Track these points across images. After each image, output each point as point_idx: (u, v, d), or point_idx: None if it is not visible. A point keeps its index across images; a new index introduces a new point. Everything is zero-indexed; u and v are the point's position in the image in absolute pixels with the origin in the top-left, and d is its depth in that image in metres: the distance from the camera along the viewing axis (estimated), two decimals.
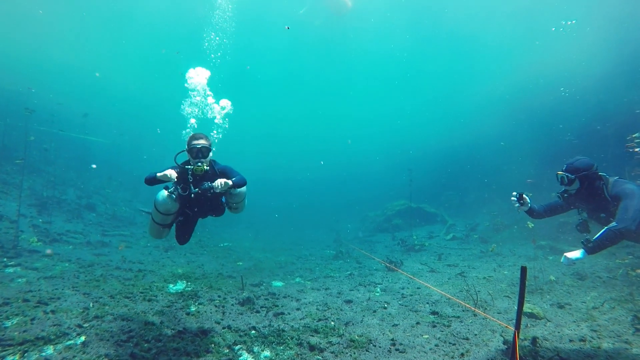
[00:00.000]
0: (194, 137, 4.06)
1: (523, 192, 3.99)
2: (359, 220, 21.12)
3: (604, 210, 3.73)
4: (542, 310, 5.49)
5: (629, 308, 5.29)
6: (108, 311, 5.06)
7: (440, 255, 10.77)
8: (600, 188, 3.72)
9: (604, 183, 3.73)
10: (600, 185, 3.73)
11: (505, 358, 3.93)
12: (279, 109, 44.40)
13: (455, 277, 8.13)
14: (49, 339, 4.02)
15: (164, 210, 4.01)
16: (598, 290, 6.35)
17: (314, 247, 14.50)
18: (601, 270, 7.27)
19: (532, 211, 4.11)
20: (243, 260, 10.60)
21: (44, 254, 8.04)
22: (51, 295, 5.47)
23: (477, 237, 13.17)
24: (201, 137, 4.07)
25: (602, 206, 3.74)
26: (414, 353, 4.23)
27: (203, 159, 4.00)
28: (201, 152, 3.99)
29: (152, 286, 6.68)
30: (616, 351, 4.04)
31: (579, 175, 3.73)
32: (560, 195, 3.99)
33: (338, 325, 5.15)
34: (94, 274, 7.13)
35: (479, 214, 16.55)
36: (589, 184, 3.74)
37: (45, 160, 15.88)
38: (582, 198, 3.85)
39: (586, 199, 3.83)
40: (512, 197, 3.99)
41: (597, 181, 3.74)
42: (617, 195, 3.59)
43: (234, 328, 4.90)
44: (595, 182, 3.74)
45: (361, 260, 10.97)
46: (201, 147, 3.98)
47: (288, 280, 8.37)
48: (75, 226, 11.43)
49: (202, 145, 3.99)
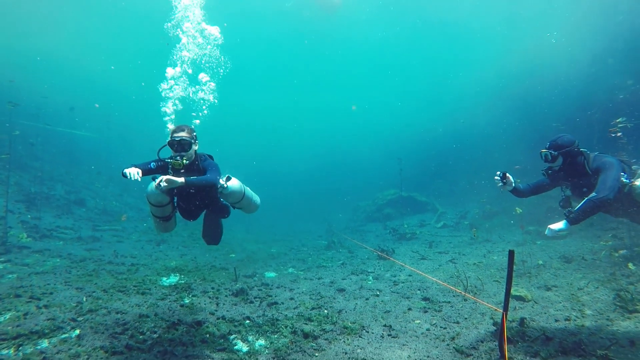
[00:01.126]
0: (175, 130, 3.85)
1: (506, 172, 4.04)
2: (350, 210, 21.25)
3: (586, 184, 3.85)
4: (530, 292, 5.64)
5: (612, 287, 5.47)
6: (102, 305, 5.07)
7: (431, 243, 10.93)
8: (582, 163, 3.84)
9: (585, 158, 3.85)
10: (581, 161, 3.85)
11: (495, 339, 4.05)
12: (267, 99, 44.08)
13: (446, 264, 8.28)
14: (44, 333, 4.02)
15: (154, 201, 3.89)
16: (583, 272, 6.54)
17: (306, 238, 14.59)
18: (586, 253, 7.46)
19: (516, 190, 4.18)
20: (236, 252, 10.64)
21: (35, 249, 7.98)
22: (43, 290, 5.45)
23: (467, 225, 13.36)
24: (182, 129, 3.84)
25: (584, 181, 3.86)
26: (406, 338, 4.33)
27: (183, 153, 3.76)
28: (180, 145, 3.75)
29: (145, 280, 6.68)
30: (598, 328, 4.19)
31: (562, 151, 3.84)
32: (545, 173, 4.09)
33: (331, 313, 5.23)
34: (86, 268, 7.11)
35: (468, 201, 16.76)
36: (572, 160, 3.86)
37: (32, 155, 15.62)
38: (566, 174, 3.95)
39: (569, 175, 3.94)
40: (495, 177, 4.05)
41: (578, 157, 3.86)
42: (597, 168, 3.72)
43: (228, 318, 4.95)
44: (576, 157, 3.86)
45: (353, 250, 11.08)
46: (180, 139, 3.73)
47: (281, 271, 8.44)
48: (65, 222, 11.32)
49: (181, 138, 3.74)
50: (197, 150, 4.06)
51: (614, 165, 3.64)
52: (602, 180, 3.57)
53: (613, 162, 3.66)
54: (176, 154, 3.77)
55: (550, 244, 8.78)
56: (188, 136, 3.79)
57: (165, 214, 4.11)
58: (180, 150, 3.76)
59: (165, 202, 3.94)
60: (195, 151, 3.98)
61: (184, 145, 3.75)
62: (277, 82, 41.20)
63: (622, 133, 6.23)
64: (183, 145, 3.75)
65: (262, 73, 39.43)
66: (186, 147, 3.77)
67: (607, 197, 3.42)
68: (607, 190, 3.45)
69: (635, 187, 3.61)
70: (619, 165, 3.70)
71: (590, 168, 3.80)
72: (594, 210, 3.51)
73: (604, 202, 3.45)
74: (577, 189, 4.01)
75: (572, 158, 3.86)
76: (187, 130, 3.84)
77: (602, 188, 3.49)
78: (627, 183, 3.63)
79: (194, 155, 3.92)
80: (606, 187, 3.47)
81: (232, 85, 41.48)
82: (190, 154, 3.84)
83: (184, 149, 3.77)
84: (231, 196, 4.14)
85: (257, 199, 4.69)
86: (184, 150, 3.77)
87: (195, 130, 4.03)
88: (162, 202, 3.94)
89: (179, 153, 3.76)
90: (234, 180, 4.18)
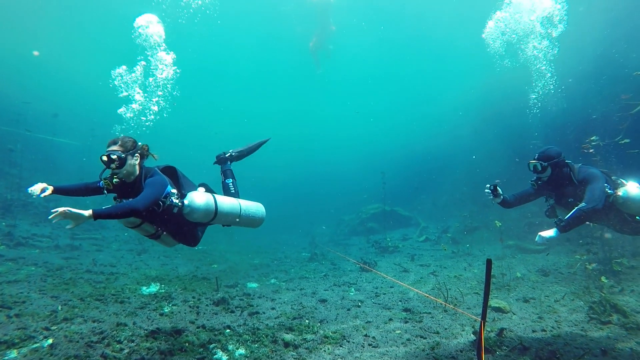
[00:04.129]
0: (108, 143, 3.23)
1: (496, 184, 4.19)
2: (334, 224, 21.26)
3: (571, 195, 4.00)
4: (509, 304, 5.74)
5: (586, 299, 5.62)
6: (78, 313, 4.94)
7: (413, 256, 11.02)
8: (568, 174, 4.01)
9: (571, 169, 4.02)
10: (567, 172, 4.01)
11: (474, 349, 4.11)
12: (249, 107, 44.07)
13: (428, 276, 8.36)
14: (13, 343, 3.89)
15: (124, 224, 3.36)
16: (560, 284, 6.71)
17: (289, 250, 14.50)
18: (563, 267, 7.67)
19: (504, 202, 4.32)
20: (218, 263, 10.50)
21: (8, 257, 7.73)
22: (15, 299, 5.28)
23: (449, 238, 13.53)
24: (115, 141, 3.21)
25: (570, 191, 4.02)
26: (386, 347, 4.35)
27: (116, 170, 3.13)
28: (110, 162, 3.09)
29: (124, 288, 6.54)
30: (573, 338, 4.30)
31: (551, 162, 3.98)
32: (535, 183, 4.21)
33: (312, 323, 5.22)
34: (63, 277, 6.91)
35: (450, 216, 16.98)
36: (559, 171, 4.01)
37: (10, 162, 15.20)
38: (553, 184, 4.10)
39: (556, 185, 4.09)
40: (486, 190, 4.19)
41: (564, 168, 4.02)
42: (584, 179, 3.89)
43: (208, 327, 4.88)
44: (563, 168, 4.02)
45: (336, 262, 11.08)
46: (107, 155, 3.09)
47: (263, 282, 8.37)
48: (42, 230, 11.01)
49: (110, 153, 3.10)
50: (151, 164, 3.49)
51: (599, 177, 3.83)
52: (590, 191, 3.74)
53: (598, 174, 3.87)
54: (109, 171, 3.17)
55: (528, 258, 8.98)
56: (119, 150, 3.14)
57: (150, 233, 3.55)
58: (112, 167, 3.12)
59: (129, 225, 3.37)
60: (142, 166, 3.34)
61: (115, 161, 3.08)
62: (262, 90, 41.32)
63: (594, 150, 6.54)
64: (113, 162, 3.09)
65: (246, 79, 39.58)
66: (117, 163, 3.10)
67: (596, 207, 3.61)
68: (596, 200, 3.63)
69: (618, 197, 3.83)
70: (603, 176, 3.90)
71: (576, 179, 3.96)
72: (584, 219, 3.69)
73: (593, 212, 3.63)
74: (562, 199, 4.16)
75: (560, 169, 4.01)
76: (121, 143, 3.20)
77: (591, 198, 3.66)
78: (611, 194, 3.84)
79: (136, 172, 3.26)
80: (595, 198, 3.65)
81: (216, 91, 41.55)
82: (127, 171, 3.18)
83: (116, 166, 3.11)
84: (201, 216, 3.43)
85: (254, 211, 3.99)
86: (116, 167, 3.11)
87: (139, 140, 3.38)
88: (126, 226, 3.38)
89: (114, 171, 3.14)
90: (200, 196, 3.46)
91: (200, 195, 3.46)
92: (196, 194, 3.45)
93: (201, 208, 3.39)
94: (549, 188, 4.17)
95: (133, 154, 3.22)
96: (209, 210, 3.46)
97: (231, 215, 3.71)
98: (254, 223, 4.02)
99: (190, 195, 3.43)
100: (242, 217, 3.81)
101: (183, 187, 3.54)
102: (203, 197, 3.45)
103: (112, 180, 3.14)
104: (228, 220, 3.75)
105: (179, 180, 3.58)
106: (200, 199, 3.42)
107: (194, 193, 3.46)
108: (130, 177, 3.23)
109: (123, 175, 3.18)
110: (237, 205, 3.81)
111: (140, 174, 3.28)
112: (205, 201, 3.44)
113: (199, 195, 3.46)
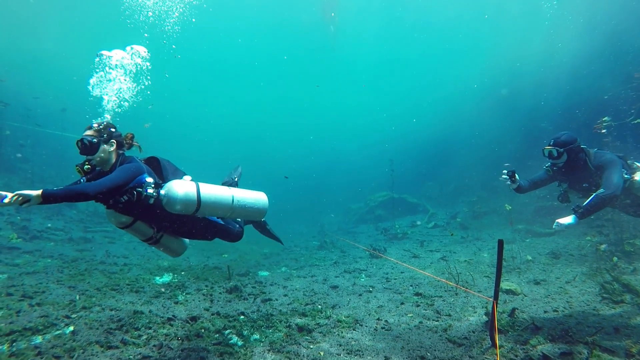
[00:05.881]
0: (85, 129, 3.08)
1: (514, 170, 4.18)
2: (342, 212, 21.32)
3: (586, 180, 3.98)
4: (520, 287, 5.76)
5: (597, 280, 5.62)
6: (95, 302, 5.06)
7: (423, 242, 11.05)
8: (584, 160, 3.97)
9: (586, 155, 3.98)
10: (583, 157, 3.98)
11: (486, 329, 4.14)
12: (258, 98, 43.99)
13: (438, 262, 8.39)
14: (37, 329, 4.01)
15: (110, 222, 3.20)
16: (571, 266, 6.70)
17: (299, 238, 14.62)
18: (573, 249, 7.63)
19: (520, 187, 4.33)
20: (228, 253, 10.64)
21: (25, 250, 7.90)
22: (35, 290, 5.42)
23: (458, 224, 13.52)
24: (90, 126, 3.07)
25: (585, 176, 3.99)
26: (399, 330, 4.40)
27: (89, 156, 2.96)
28: (83, 147, 2.95)
29: (138, 278, 6.67)
30: (585, 317, 4.32)
31: (567, 148, 3.95)
32: (550, 169, 4.19)
33: (325, 309, 5.29)
34: (78, 268, 7.06)
35: (459, 202, 16.93)
36: (575, 157, 3.97)
37: (22, 157, 15.42)
38: (569, 170, 4.07)
39: (571, 171, 4.06)
40: (503, 176, 4.19)
41: (580, 153, 3.99)
42: (600, 165, 3.85)
43: (222, 314, 4.97)
44: (579, 154, 3.98)
45: (345, 250, 11.15)
46: (82, 139, 2.94)
47: (274, 270, 8.46)
48: (56, 223, 11.20)
49: (83, 138, 2.95)
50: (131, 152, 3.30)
51: (616, 162, 3.79)
52: (607, 176, 3.71)
53: (615, 159, 3.82)
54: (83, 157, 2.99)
55: (538, 241, 8.95)
56: (93, 135, 2.98)
57: (147, 236, 3.32)
58: (86, 154, 2.96)
59: (123, 221, 3.14)
60: (119, 153, 3.16)
61: (87, 147, 2.93)
62: (269, 81, 41.19)
63: (606, 131, 6.45)
64: (85, 147, 2.93)
65: (254, 71, 39.43)
66: (90, 149, 2.94)
67: (615, 194, 3.58)
68: (615, 186, 3.60)
69: (635, 181, 3.80)
70: (620, 162, 3.86)
71: (592, 164, 3.93)
72: (602, 206, 3.67)
73: (612, 198, 3.61)
74: (576, 184, 4.13)
75: (575, 154, 3.97)
76: (96, 128, 3.03)
77: (609, 185, 3.63)
78: (628, 179, 3.81)
79: (112, 160, 3.09)
80: (613, 184, 3.62)
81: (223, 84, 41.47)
82: (100, 157, 3.00)
83: (88, 152, 2.94)
84: (181, 207, 3.00)
85: (252, 202, 3.52)
86: (88, 154, 2.95)
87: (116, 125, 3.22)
88: (120, 223, 3.15)
89: (87, 157, 2.97)
90: (179, 184, 3.04)
91: (179, 183, 3.05)
92: (174, 182, 3.06)
93: (178, 197, 2.96)
94: (564, 173, 4.14)
95: (108, 141, 3.04)
96: (189, 200, 3.00)
97: (221, 206, 3.24)
98: (253, 215, 3.56)
99: (168, 184, 3.06)
100: (235, 208, 3.33)
101: (167, 178, 3.21)
102: (182, 185, 3.03)
103: (83, 166, 2.95)
104: (218, 212, 3.29)
105: (162, 170, 3.28)
106: (178, 187, 3.01)
107: (173, 181, 3.07)
108: (106, 166, 3.05)
109: (97, 162, 2.99)
110: (229, 195, 3.32)
111: (116, 162, 3.08)
112: (184, 189, 3.00)
113: (178, 183, 3.05)
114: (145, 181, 3.00)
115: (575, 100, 12.73)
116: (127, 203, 2.94)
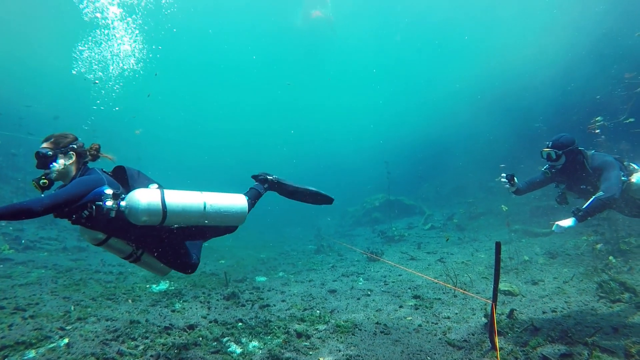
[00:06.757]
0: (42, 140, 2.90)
1: (513, 174, 4.19)
2: (338, 216, 21.30)
3: (584, 181, 3.99)
4: (518, 287, 5.76)
5: (595, 280, 5.63)
6: (91, 313, 4.99)
7: (420, 244, 11.05)
8: (582, 162, 3.99)
9: (584, 157, 3.99)
10: (581, 159, 3.99)
11: (486, 331, 4.13)
12: (250, 99, 43.91)
13: (435, 263, 8.38)
14: (30, 343, 3.93)
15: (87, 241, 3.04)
16: (568, 266, 6.72)
17: (296, 243, 14.58)
18: (570, 249, 7.66)
19: (518, 190, 4.34)
20: (225, 258, 10.57)
21: (18, 261, 7.79)
22: (29, 301, 5.34)
23: (454, 225, 13.54)
24: (46, 139, 2.87)
25: (584, 178, 4.00)
26: (398, 334, 4.38)
27: (46, 170, 2.77)
28: (38, 160, 2.77)
29: (134, 287, 6.60)
30: (583, 317, 4.32)
31: (565, 150, 3.96)
32: (548, 171, 4.19)
33: (323, 314, 5.25)
34: (73, 278, 6.98)
35: (455, 203, 16.99)
36: (573, 158, 3.98)
37: (14, 166, 15.27)
38: (567, 172, 4.07)
39: (570, 173, 4.07)
40: (502, 179, 4.19)
41: (578, 155, 4.00)
42: (598, 167, 3.87)
43: (220, 321, 4.92)
44: (577, 156, 3.99)
45: (342, 253, 11.12)
46: (37, 152, 2.76)
47: (271, 275, 8.42)
48: (49, 233, 11.09)
49: (38, 150, 2.77)
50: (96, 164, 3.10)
51: (613, 164, 3.81)
52: (606, 179, 3.72)
53: (612, 162, 3.83)
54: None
55: (535, 241, 8.98)
56: (48, 147, 2.80)
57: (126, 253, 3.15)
58: (40, 167, 2.78)
59: (98, 238, 2.95)
60: (81, 167, 2.96)
61: (42, 159, 2.76)
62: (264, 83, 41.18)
63: (599, 130, 6.50)
64: (40, 160, 2.76)
65: (249, 73, 39.41)
66: (45, 162, 2.76)
67: (614, 196, 3.58)
68: (614, 189, 3.60)
69: (632, 183, 3.80)
70: (617, 164, 3.87)
71: (590, 166, 3.94)
72: (602, 209, 3.67)
73: (612, 201, 3.61)
74: (575, 186, 4.14)
75: (574, 156, 3.98)
76: (54, 140, 2.85)
77: (608, 187, 3.63)
78: (625, 180, 3.81)
79: (71, 173, 2.88)
80: (612, 187, 3.62)
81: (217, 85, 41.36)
82: (58, 171, 2.80)
83: (43, 165, 2.76)
84: (146, 218, 2.75)
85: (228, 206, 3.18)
86: (44, 167, 2.77)
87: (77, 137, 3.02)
88: (94, 240, 2.96)
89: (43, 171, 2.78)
90: (142, 193, 2.78)
91: (141, 192, 2.80)
92: (137, 191, 2.80)
93: (140, 206, 2.70)
94: (562, 175, 4.15)
95: (66, 152, 2.85)
96: (153, 209, 2.75)
97: (191, 213, 2.96)
98: (230, 220, 3.25)
99: (129, 194, 2.81)
100: (208, 214, 3.05)
101: (132, 188, 2.96)
102: (144, 194, 2.78)
103: (39, 181, 2.70)
104: (190, 220, 3.01)
105: (129, 180, 3.05)
106: (140, 196, 2.76)
107: (135, 191, 2.82)
108: (66, 179, 2.85)
109: (54, 177, 2.78)
110: (200, 200, 3.03)
111: (76, 175, 2.89)
112: (147, 199, 2.75)
113: (140, 192, 2.80)
114: (104, 193, 2.74)
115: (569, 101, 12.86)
116: (88, 218, 2.74)
